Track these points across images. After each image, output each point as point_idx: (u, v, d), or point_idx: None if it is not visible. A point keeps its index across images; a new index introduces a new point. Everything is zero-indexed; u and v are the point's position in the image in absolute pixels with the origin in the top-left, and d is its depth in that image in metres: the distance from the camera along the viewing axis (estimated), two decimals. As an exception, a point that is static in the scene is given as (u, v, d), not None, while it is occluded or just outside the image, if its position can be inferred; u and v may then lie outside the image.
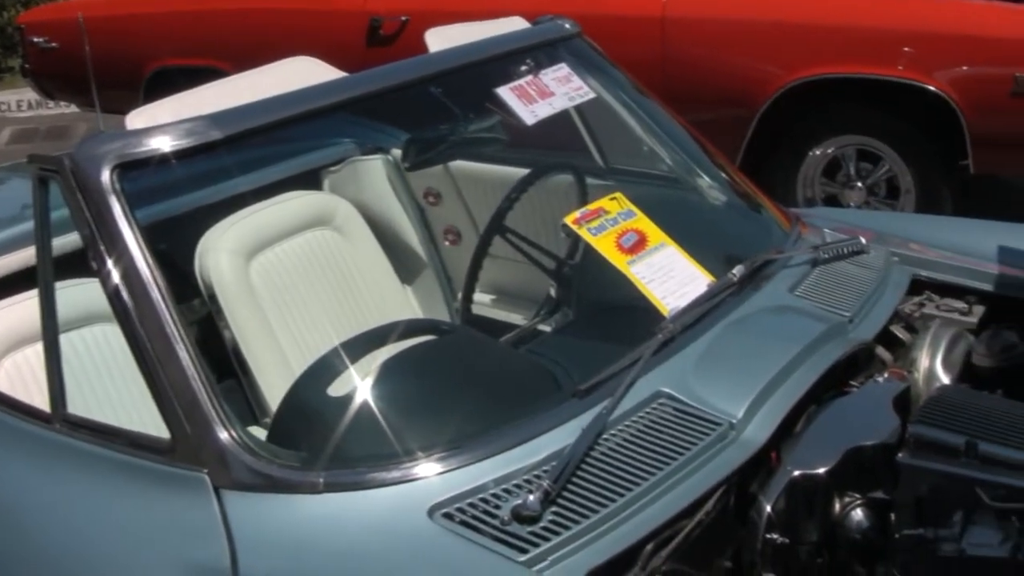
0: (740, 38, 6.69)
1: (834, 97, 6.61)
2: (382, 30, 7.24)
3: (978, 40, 6.25)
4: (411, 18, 7.01)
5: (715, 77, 6.73)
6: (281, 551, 2.47)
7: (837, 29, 6.50)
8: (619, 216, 3.18)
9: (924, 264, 3.59)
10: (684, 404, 2.75)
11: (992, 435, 2.66)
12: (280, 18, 7.61)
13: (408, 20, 7.05)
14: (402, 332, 3.07)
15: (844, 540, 2.72)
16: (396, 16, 7.17)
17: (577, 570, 2.32)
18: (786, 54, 6.57)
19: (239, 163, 3.62)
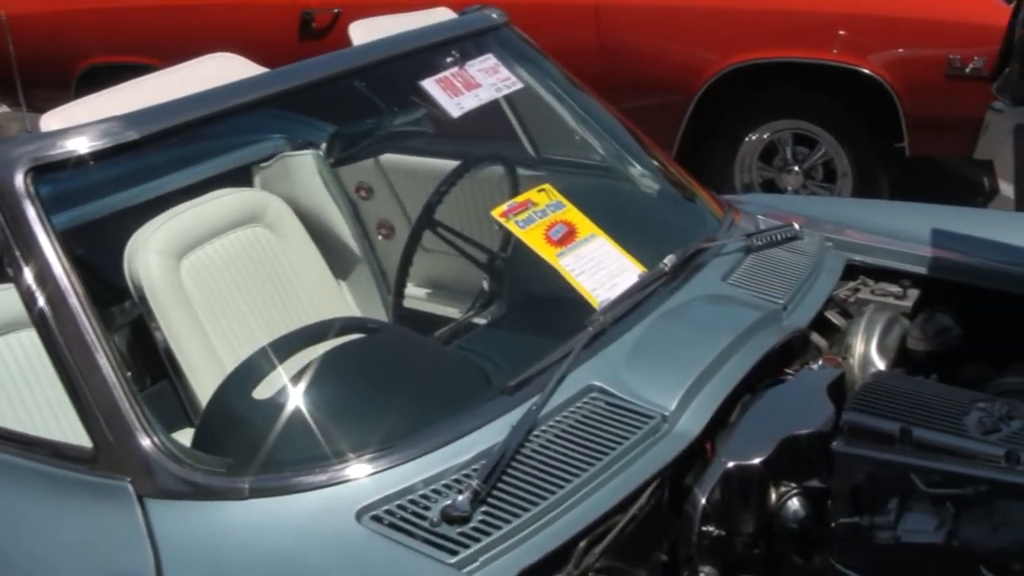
0: (675, 24, 6.67)
1: (770, 82, 6.60)
2: (314, 24, 7.17)
3: (912, 22, 6.26)
4: (343, 11, 6.94)
5: (651, 64, 6.71)
6: (207, 560, 2.43)
7: (771, 13, 6.49)
8: (548, 208, 3.15)
9: (858, 249, 3.57)
10: (616, 397, 2.72)
11: (926, 421, 2.64)
12: (212, 14, 7.53)
13: (340, 13, 6.98)
14: (329, 332, 3.02)
15: (781, 530, 2.70)
16: (328, 9, 7.10)
17: (508, 570, 2.29)
18: (721, 39, 6.56)
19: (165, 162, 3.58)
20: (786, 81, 6.57)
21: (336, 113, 4.24)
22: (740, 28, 6.53)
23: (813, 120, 6.65)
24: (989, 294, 3.40)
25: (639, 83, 6.68)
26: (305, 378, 2.77)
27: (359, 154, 4.31)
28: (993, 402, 2.69)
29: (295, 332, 3.09)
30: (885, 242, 3.59)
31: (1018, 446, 2.53)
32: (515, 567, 2.30)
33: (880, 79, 6.27)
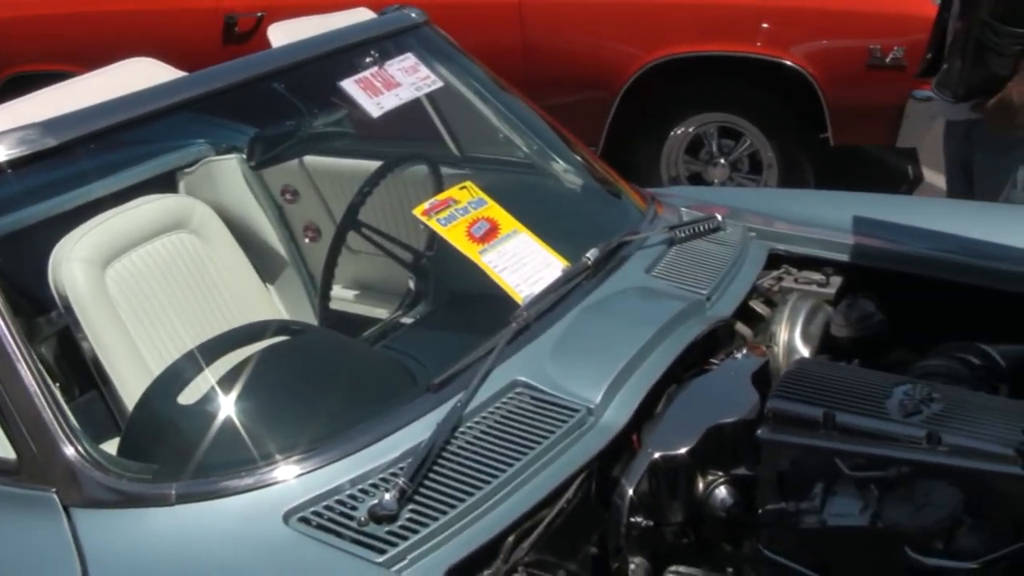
0: (598, 20, 6.70)
1: (694, 75, 6.64)
2: (237, 27, 7.14)
3: (833, 14, 6.32)
4: (267, 13, 6.92)
5: (575, 60, 6.73)
6: (134, 568, 2.41)
7: (694, 7, 6.53)
8: (469, 205, 3.15)
9: (781, 238, 3.60)
10: (541, 392, 2.72)
11: (849, 405, 2.66)
12: (135, 20, 7.47)
13: (264, 16, 6.96)
14: (254, 335, 3.01)
15: (709, 518, 2.71)
16: (251, 13, 7.07)
17: (437, 567, 2.29)
18: (644, 34, 6.59)
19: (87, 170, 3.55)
20: (710, 74, 6.61)
21: (258, 116, 4.22)
22: (663, 23, 6.56)
23: (738, 113, 6.70)
24: (911, 279, 3.44)
25: (564, 80, 6.70)
26: (230, 382, 2.76)
27: (281, 156, 4.29)
28: (914, 385, 2.72)
29: (219, 336, 3.08)
30: (808, 231, 3.62)
31: (939, 427, 2.56)
32: (444, 564, 2.30)
33: (803, 71, 6.32)
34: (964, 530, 2.43)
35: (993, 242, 3.45)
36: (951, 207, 4.34)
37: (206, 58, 4.20)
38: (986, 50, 4.50)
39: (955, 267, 3.42)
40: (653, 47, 6.59)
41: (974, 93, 4.63)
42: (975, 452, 2.52)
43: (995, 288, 3.36)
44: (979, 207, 4.28)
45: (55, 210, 3.83)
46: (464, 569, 2.32)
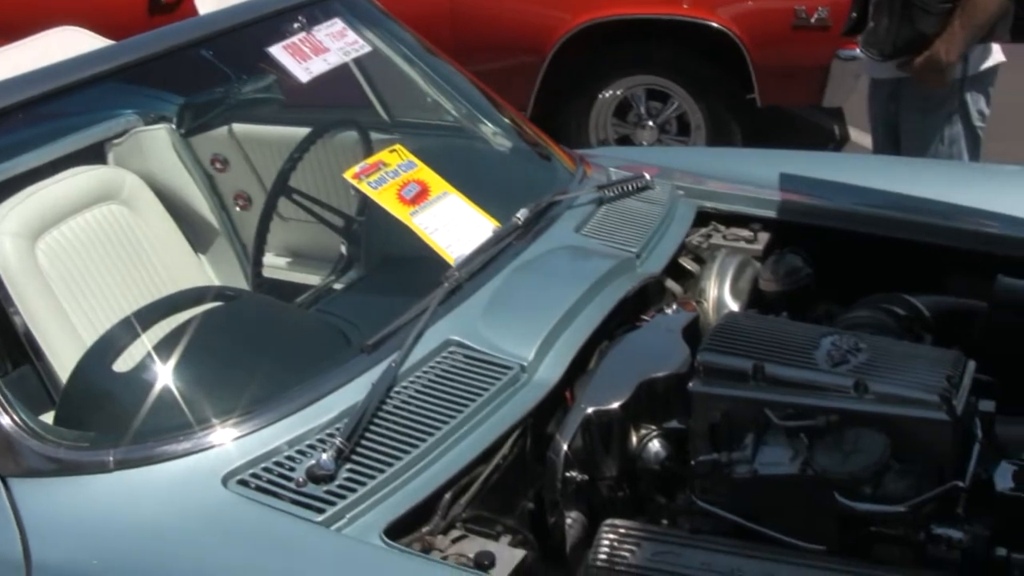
0: (526, -15, 6.72)
1: (621, 38, 6.66)
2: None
3: (759, -25, 6.37)
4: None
5: (503, 26, 6.75)
6: (74, 535, 2.41)
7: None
8: (399, 168, 3.16)
9: (709, 196, 3.63)
10: (474, 351, 2.75)
11: (778, 357, 2.70)
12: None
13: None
14: (187, 301, 3.01)
15: (643, 472, 2.75)
16: (178, -19, 7.03)
17: (376, 525, 2.31)
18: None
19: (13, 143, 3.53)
20: (637, 37, 6.64)
21: (186, 84, 4.20)
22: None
23: (665, 75, 6.73)
24: (837, 234, 3.49)
25: (493, 45, 6.71)
26: (165, 348, 2.76)
27: (211, 123, 4.27)
28: (841, 336, 2.76)
29: (153, 304, 3.08)
30: (735, 188, 3.66)
31: (866, 376, 2.61)
32: (382, 521, 2.32)
33: (729, 32, 6.37)
34: (891, 475, 2.49)
35: (917, 196, 3.50)
36: (876, 163, 4.41)
37: (133, 27, 4.18)
38: (913, 8, 4.56)
39: (880, 221, 3.47)
40: (580, 11, 6.61)
41: (901, 51, 4.69)
42: (901, 399, 2.57)
43: (919, 241, 3.42)
44: (903, 162, 4.35)
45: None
46: (402, 526, 2.34)
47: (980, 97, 4.86)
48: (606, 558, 2.53)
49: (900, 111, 4.94)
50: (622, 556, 2.52)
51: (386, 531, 2.30)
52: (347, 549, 2.30)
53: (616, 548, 2.54)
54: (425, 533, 2.39)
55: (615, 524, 2.60)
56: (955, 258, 3.41)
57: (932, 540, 2.46)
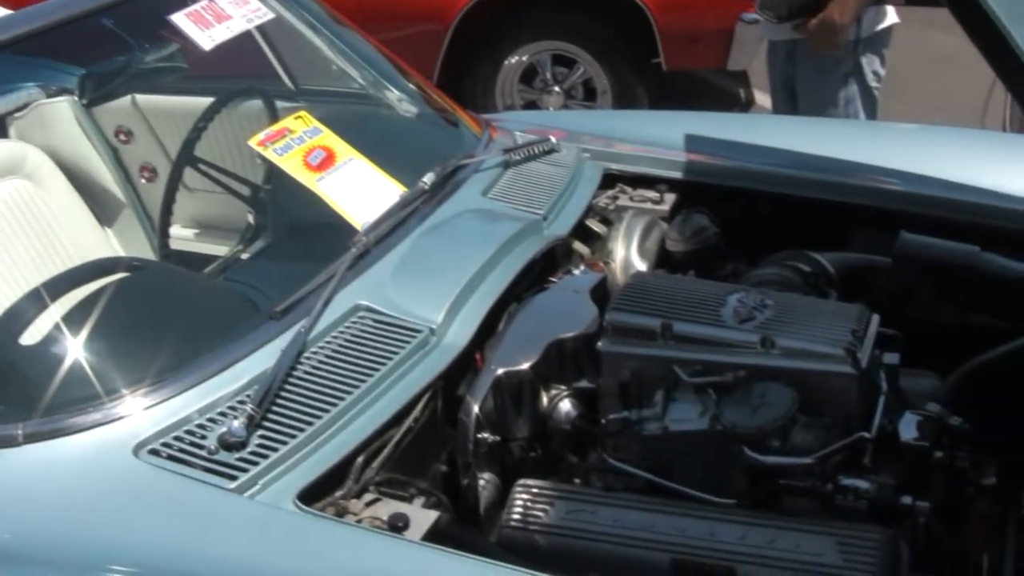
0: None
1: (525, 4, 6.66)
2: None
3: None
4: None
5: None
6: (-15, 511, 2.39)
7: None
8: (305, 134, 3.15)
9: (615, 158, 3.65)
10: (383, 315, 2.75)
11: (685, 315, 2.73)
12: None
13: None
14: (94, 273, 2.98)
15: (555, 432, 2.77)
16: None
17: (288, 490, 2.31)
18: (474, -35, 6.61)
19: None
20: (542, 3, 6.64)
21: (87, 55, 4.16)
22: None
23: (571, 40, 6.74)
24: (742, 193, 3.52)
25: (397, 14, 6.69)
26: (73, 320, 2.73)
27: (114, 93, 4.23)
28: (748, 292, 2.80)
29: (58, 276, 3.04)
30: (641, 150, 3.68)
31: (772, 332, 2.65)
32: (295, 487, 2.32)
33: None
34: (799, 428, 2.53)
35: (820, 155, 3.54)
36: (780, 123, 4.45)
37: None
38: None
39: (785, 180, 3.51)
40: (484, -23, 6.61)
41: (796, 14, 4.74)
42: (807, 353, 2.61)
43: (823, 199, 3.46)
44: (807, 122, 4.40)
45: None
46: (315, 491, 2.34)
47: (875, 58, 4.93)
48: (520, 518, 2.55)
49: (797, 73, 5.00)
50: (535, 516, 2.54)
51: (299, 496, 2.30)
52: (260, 515, 2.30)
53: (529, 508, 2.56)
54: (338, 497, 2.39)
55: (528, 484, 2.61)
56: (858, 215, 3.46)
57: (840, 491, 2.50)
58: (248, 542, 2.27)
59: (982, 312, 3.11)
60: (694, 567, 2.42)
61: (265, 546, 2.26)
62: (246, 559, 2.24)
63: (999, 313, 3.09)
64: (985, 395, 2.84)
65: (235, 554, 2.25)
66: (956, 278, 3.12)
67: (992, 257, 3.16)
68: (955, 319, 3.11)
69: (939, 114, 6.53)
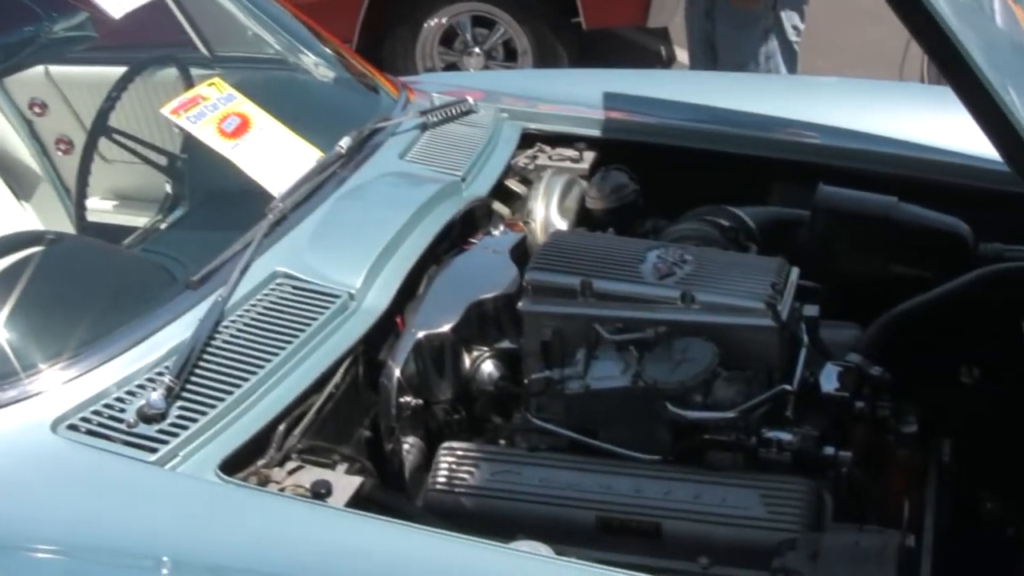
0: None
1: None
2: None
3: None
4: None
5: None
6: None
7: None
8: (219, 101, 3.12)
9: (534, 117, 3.64)
10: (301, 281, 2.72)
11: (605, 272, 2.73)
12: None
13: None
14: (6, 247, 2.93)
15: (478, 393, 2.78)
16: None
17: (210, 461, 2.29)
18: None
19: None
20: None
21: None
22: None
23: (490, 1, 6.71)
24: (662, 149, 3.52)
25: (315, -22, 6.62)
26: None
27: (23, 64, 4.16)
28: (667, 248, 2.79)
29: (-32, 253, 2.99)
30: (560, 109, 3.67)
31: (692, 287, 2.65)
32: (216, 457, 2.30)
33: (551, -46, 6.36)
34: (721, 382, 2.54)
35: (739, 110, 3.55)
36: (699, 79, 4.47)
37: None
38: None
39: (704, 136, 3.52)
40: (401, -60, 6.57)
41: (715, -31, 4.74)
42: (727, 308, 2.62)
43: (742, 154, 3.47)
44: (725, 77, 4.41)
45: None
46: (237, 461, 2.33)
47: (794, 13, 4.95)
48: (445, 481, 2.55)
49: (716, 29, 5.00)
50: (461, 478, 2.55)
51: (221, 467, 2.28)
52: (182, 487, 2.28)
53: (455, 470, 2.56)
54: (261, 466, 2.37)
55: (452, 447, 2.62)
56: (778, 169, 3.47)
57: (763, 444, 2.52)
58: (170, 514, 2.25)
59: (901, 262, 3.13)
60: (620, 524, 2.44)
61: (187, 518, 2.24)
62: (169, 532, 2.22)
63: (918, 263, 3.12)
64: (905, 344, 2.86)
65: (158, 527, 2.23)
66: (874, 229, 3.14)
67: (910, 207, 3.18)
68: (874, 270, 3.13)
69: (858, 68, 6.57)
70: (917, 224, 3.16)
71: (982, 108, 2.11)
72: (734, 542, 2.37)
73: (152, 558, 2.19)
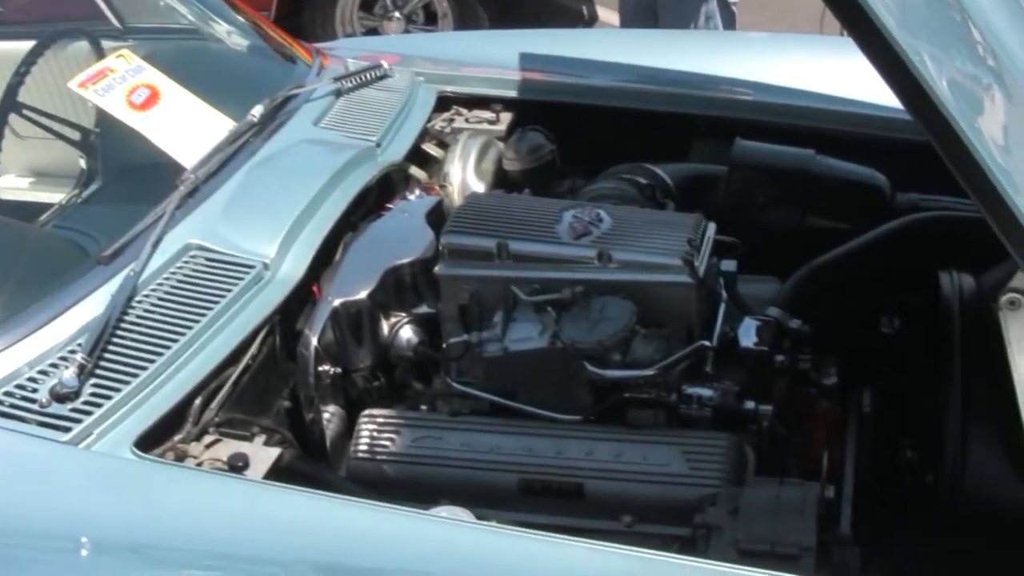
0: None
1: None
2: None
3: None
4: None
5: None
6: None
7: None
8: (127, 73, 3.07)
9: (450, 80, 3.62)
10: (215, 252, 2.68)
11: (521, 233, 2.71)
12: None
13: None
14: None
15: (398, 359, 2.76)
16: None
17: (125, 438, 2.25)
18: None
19: None
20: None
21: None
22: None
23: (404, -36, 6.68)
24: (580, 109, 3.51)
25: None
26: None
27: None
28: (583, 207, 2.78)
29: None
30: (476, 71, 3.66)
31: (609, 245, 2.64)
32: (132, 434, 2.26)
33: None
34: (639, 340, 2.54)
35: (655, 67, 3.55)
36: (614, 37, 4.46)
37: None
38: None
39: (621, 94, 3.52)
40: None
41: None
42: (644, 265, 2.62)
43: (660, 111, 3.47)
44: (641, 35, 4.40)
45: None
46: (153, 437, 2.29)
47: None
48: (367, 449, 2.55)
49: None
50: (383, 445, 2.54)
51: (136, 443, 2.24)
52: (97, 465, 2.24)
53: (376, 438, 2.56)
54: (177, 442, 2.34)
55: (373, 414, 2.61)
56: (696, 126, 3.48)
57: (683, 400, 2.53)
58: (86, 494, 2.22)
59: (819, 215, 3.14)
60: (542, 486, 2.44)
61: (104, 496, 2.21)
62: (85, 511, 2.18)
63: (836, 215, 3.14)
64: (824, 296, 2.87)
65: (74, 508, 2.19)
66: (792, 182, 3.15)
67: (827, 160, 3.20)
68: (792, 223, 3.14)
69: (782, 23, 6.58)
70: (834, 177, 3.18)
71: (879, 53, 2.10)
72: (657, 499, 2.38)
73: (71, 539, 2.14)
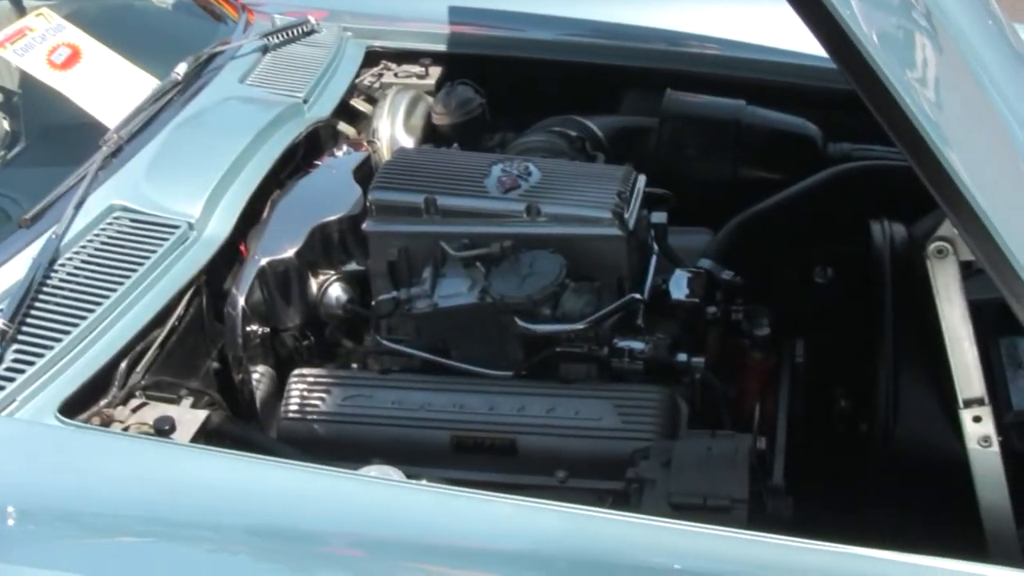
0: None
1: None
2: None
3: None
4: None
5: None
6: None
7: None
8: (47, 32, 3.03)
9: (378, 35, 3.58)
10: (138, 213, 2.64)
11: (449, 188, 2.69)
12: None
13: None
14: None
15: (327, 318, 2.74)
16: None
17: (49, 404, 2.22)
18: None
19: None
20: None
21: None
22: None
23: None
24: (509, 62, 3.48)
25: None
26: None
27: None
28: (511, 161, 2.76)
29: None
30: (404, 25, 3.61)
31: (537, 199, 2.62)
32: (56, 399, 2.23)
33: None
34: (569, 294, 2.52)
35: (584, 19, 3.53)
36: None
37: None
38: None
39: (550, 46, 3.50)
40: None
41: None
42: (573, 218, 2.60)
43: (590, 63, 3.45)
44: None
45: None
46: (78, 402, 2.27)
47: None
48: (297, 408, 2.53)
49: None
50: (313, 404, 2.53)
51: (61, 409, 2.22)
52: (21, 433, 2.20)
53: (307, 397, 2.54)
54: (103, 406, 2.32)
55: (303, 374, 2.59)
56: (628, 78, 3.46)
57: (615, 354, 2.52)
58: (11, 462, 2.18)
59: (751, 165, 3.14)
60: (474, 443, 2.44)
61: (28, 464, 2.18)
62: (11, 481, 2.14)
63: (767, 165, 3.14)
64: (757, 247, 2.87)
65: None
66: (723, 133, 3.15)
67: (758, 110, 3.19)
68: (724, 174, 3.14)
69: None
70: (766, 127, 3.17)
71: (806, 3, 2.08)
72: (590, 454, 2.38)
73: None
